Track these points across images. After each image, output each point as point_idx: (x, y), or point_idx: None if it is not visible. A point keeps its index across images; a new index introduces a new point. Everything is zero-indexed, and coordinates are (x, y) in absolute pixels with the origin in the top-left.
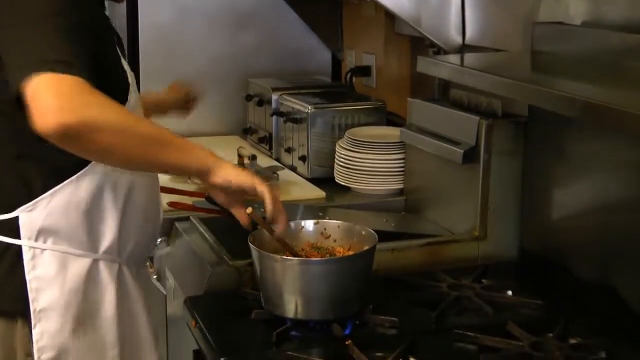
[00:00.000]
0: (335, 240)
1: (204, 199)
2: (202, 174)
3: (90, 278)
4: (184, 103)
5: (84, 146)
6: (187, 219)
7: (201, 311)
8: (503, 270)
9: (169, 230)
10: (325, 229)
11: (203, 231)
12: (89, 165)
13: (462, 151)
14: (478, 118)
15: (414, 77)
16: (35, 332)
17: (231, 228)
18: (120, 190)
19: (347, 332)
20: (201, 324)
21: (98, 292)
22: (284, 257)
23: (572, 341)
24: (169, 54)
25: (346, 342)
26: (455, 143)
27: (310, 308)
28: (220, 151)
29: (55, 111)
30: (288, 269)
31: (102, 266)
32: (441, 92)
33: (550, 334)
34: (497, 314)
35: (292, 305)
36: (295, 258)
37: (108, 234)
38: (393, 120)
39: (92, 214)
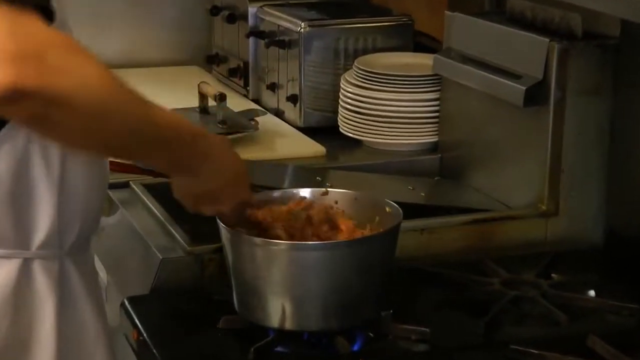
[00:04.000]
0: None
1: None
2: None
3: (22, 287)
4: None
5: (37, 124)
6: (125, 185)
7: (146, 318)
8: (582, 260)
9: None
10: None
11: (149, 203)
12: (4, 129)
13: (523, 88)
14: (548, 40)
15: None
16: None
17: None
18: (54, 156)
19: (356, 347)
20: (146, 336)
21: (33, 305)
22: (268, 240)
23: None
24: None
25: None
26: (515, 77)
27: (305, 314)
28: (174, 90)
29: (7, 62)
30: (274, 257)
31: (37, 267)
32: (494, 3)
33: None
34: (573, 322)
35: (278, 310)
36: (284, 242)
37: (43, 221)
38: (423, 43)
39: (16, 198)
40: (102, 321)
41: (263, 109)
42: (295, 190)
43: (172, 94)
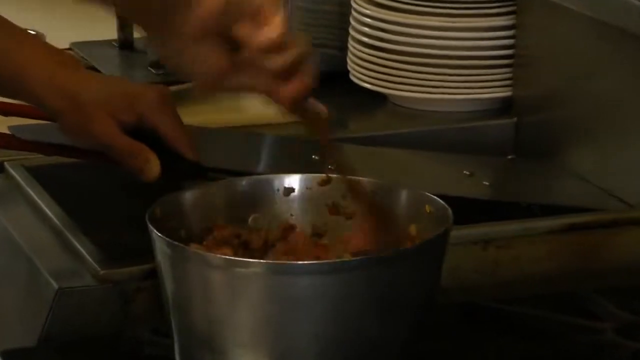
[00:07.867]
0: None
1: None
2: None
3: None
4: None
5: None
6: None
7: None
8: None
9: None
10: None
11: (36, 197)
12: None
13: None
14: None
15: None
16: None
17: (105, 189)
18: None
19: None
20: None
21: None
22: (232, 257)
23: None
24: None
25: None
26: None
27: None
28: (81, 15)
29: None
30: (242, 285)
31: None
32: None
33: None
34: None
35: None
36: (259, 261)
37: None
38: None
39: None
40: None
41: None
42: (277, 178)
43: (79, 20)
